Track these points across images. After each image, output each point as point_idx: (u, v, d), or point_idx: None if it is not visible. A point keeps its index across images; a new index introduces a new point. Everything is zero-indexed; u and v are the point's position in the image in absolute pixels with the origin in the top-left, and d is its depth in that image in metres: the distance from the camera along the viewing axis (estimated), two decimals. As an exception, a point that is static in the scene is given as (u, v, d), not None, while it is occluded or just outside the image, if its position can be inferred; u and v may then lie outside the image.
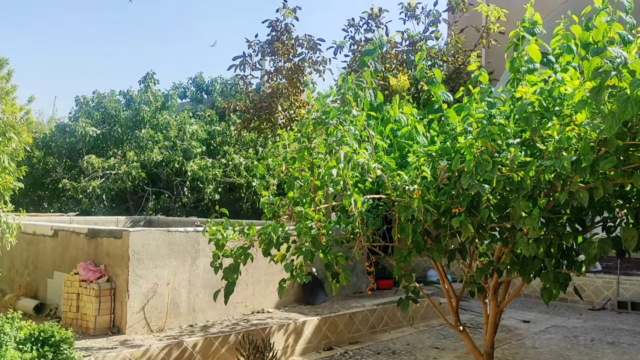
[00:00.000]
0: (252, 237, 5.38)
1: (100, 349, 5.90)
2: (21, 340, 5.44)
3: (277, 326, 7.15)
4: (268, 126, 11.34)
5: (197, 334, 6.61)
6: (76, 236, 7.42)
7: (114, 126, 15.96)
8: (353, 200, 4.26)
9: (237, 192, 14.93)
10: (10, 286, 8.18)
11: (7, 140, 5.50)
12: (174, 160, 14.87)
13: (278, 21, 10.79)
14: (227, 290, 5.28)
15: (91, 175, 14.56)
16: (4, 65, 5.52)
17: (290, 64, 10.78)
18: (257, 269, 7.97)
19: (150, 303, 6.77)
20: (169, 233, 7.07)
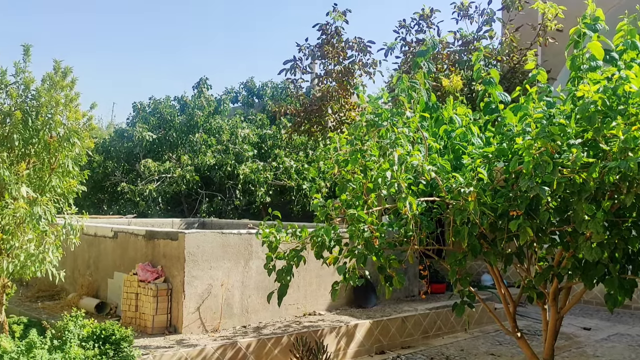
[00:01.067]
0: (304, 239, 5.40)
1: (158, 347, 6.06)
2: (84, 337, 5.67)
3: (329, 329, 7.15)
4: (318, 129, 11.39)
5: (250, 335, 6.69)
6: (135, 238, 7.66)
7: (169, 131, 16.41)
8: (408, 203, 4.21)
9: (287, 194, 15.05)
10: (73, 286, 8.53)
11: (71, 146, 5.73)
12: (227, 164, 15.14)
13: (328, 24, 10.83)
14: (281, 292, 5.32)
15: (148, 178, 15.02)
16: (68, 73, 5.77)
17: (340, 66, 10.79)
18: (308, 271, 8.00)
19: (205, 304, 6.90)
20: (222, 235, 7.20)
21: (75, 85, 5.76)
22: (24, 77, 5.60)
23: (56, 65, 5.67)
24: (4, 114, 5.45)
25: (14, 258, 5.32)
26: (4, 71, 5.58)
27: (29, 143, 5.57)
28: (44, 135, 5.58)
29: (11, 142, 5.45)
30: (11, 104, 5.55)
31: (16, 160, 5.53)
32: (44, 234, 5.52)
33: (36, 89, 5.61)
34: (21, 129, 5.49)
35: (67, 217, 5.72)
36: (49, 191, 5.66)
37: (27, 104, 5.56)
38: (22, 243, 5.34)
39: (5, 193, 5.37)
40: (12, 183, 5.31)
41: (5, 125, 5.46)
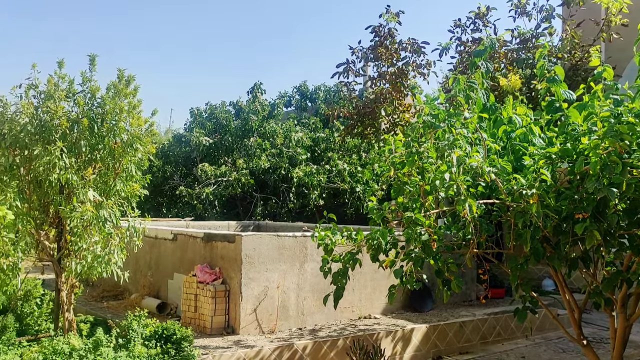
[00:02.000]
0: (359, 242, 5.38)
1: (217, 347, 6.18)
2: (147, 336, 5.85)
3: (385, 332, 7.09)
4: (372, 132, 11.33)
5: (306, 337, 6.72)
6: (193, 240, 7.85)
7: (225, 135, 16.76)
8: (467, 205, 4.12)
9: (341, 197, 15.06)
10: (135, 286, 8.83)
11: (134, 151, 5.95)
12: (281, 167, 15.31)
13: (381, 26, 10.77)
14: (337, 294, 5.31)
15: (204, 182, 15.39)
16: (132, 81, 5.99)
17: (393, 68, 10.71)
18: (363, 274, 7.97)
19: (261, 305, 6.99)
20: (278, 237, 7.27)
21: (137, 92, 5.96)
22: (90, 85, 5.85)
23: (120, 74, 5.90)
24: (72, 121, 5.71)
25: (81, 259, 5.55)
26: (71, 80, 5.85)
27: (95, 149, 5.81)
28: (108, 142, 5.81)
29: (79, 149, 5.71)
30: (78, 111, 5.80)
31: (83, 165, 5.78)
32: (109, 236, 5.74)
33: (101, 97, 5.85)
34: (88, 136, 5.73)
35: (131, 220, 5.93)
36: (113, 195, 5.89)
37: (93, 112, 5.80)
38: (89, 245, 5.56)
39: (74, 197, 5.63)
40: (79, 187, 5.55)
41: (73, 132, 5.72)
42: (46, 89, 5.69)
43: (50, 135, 5.60)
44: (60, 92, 5.70)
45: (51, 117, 5.61)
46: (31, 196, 5.84)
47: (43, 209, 5.93)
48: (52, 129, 5.61)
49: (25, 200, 5.77)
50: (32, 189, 5.83)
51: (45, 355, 5.18)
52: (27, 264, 7.80)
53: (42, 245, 5.90)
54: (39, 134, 5.59)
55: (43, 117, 5.63)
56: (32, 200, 5.85)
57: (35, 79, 5.70)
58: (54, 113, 5.59)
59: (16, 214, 5.48)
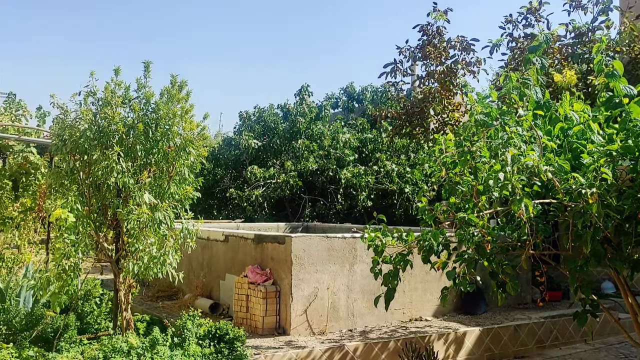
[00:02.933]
0: (410, 243, 5.32)
1: (269, 348, 6.25)
2: (201, 336, 5.98)
3: (437, 335, 6.99)
4: (420, 131, 11.19)
5: (356, 339, 6.70)
6: (244, 241, 7.97)
7: (273, 138, 16.94)
8: (523, 205, 4.00)
9: (389, 198, 14.94)
10: (189, 287, 9.03)
11: (187, 155, 6.09)
12: (328, 169, 15.34)
13: (429, 25, 10.63)
14: (388, 296, 5.27)
15: (254, 184, 15.59)
16: (184, 86, 6.14)
17: (442, 67, 10.54)
18: (413, 276, 7.88)
19: (311, 306, 7.02)
20: (327, 239, 7.29)
21: (189, 97, 6.10)
22: (144, 91, 6.03)
23: (173, 79, 6.05)
24: (128, 126, 5.90)
25: (138, 260, 5.72)
26: (127, 87, 6.04)
27: (150, 153, 5.98)
28: (163, 146, 5.97)
29: (135, 153, 5.89)
30: (134, 117, 5.99)
31: (139, 169, 5.95)
32: (164, 237, 5.89)
33: (155, 102, 6.02)
34: (143, 140, 5.91)
35: (184, 222, 6.07)
36: (167, 197, 6.04)
37: (148, 117, 5.97)
38: (145, 246, 5.73)
39: (130, 200, 5.81)
40: (135, 190, 5.73)
41: (129, 137, 5.91)
42: (104, 96, 5.90)
43: (107, 141, 5.80)
44: (117, 98, 5.90)
45: (108, 122, 5.81)
46: (90, 199, 6.06)
47: (101, 211, 6.15)
48: (109, 134, 5.81)
49: (85, 203, 5.99)
50: (91, 193, 6.06)
51: (105, 353, 5.36)
52: (86, 265, 8.11)
53: (101, 247, 6.11)
54: (97, 139, 5.80)
55: (101, 123, 5.84)
56: (92, 203, 6.08)
57: (94, 87, 5.93)
58: (111, 119, 5.79)
59: (77, 217, 5.69)
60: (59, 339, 6.04)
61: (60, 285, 5.63)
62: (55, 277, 5.62)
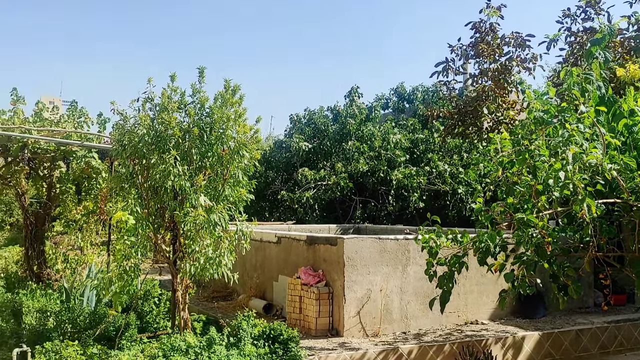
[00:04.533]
0: (466, 245, 5.21)
1: (322, 349, 6.26)
2: (255, 336, 6.06)
3: (494, 339, 6.82)
4: (473, 131, 10.95)
5: (411, 342, 6.62)
6: (297, 243, 8.02)
7: (323, 140, 16.99)
8: (586, 205, 3.85)
9: (442, 199, 14.71)
10: (243, 287, 9.17)
11: (240, 158, 6.19)
12: (379, 170, 15.24)
13: (482, 22, 10.39)
14: (443, 298, 5.19)
15: (304, 186, 15.68)
16: (237, 90, 6.24)
17: (496, 64, 10.28)
18: (469, 278, 7.72)
19: (364, 308, 6.99)
20: (380, 240, 7.24)
21: (243, 101, 6.20)
22: (199, 96, 6.17)
23: (226, 84, 6.17)
24: (184, 131, 6.05)
25: (195, 261, 5.86)
26: (183, 92, 6.20)
27: (205, 156, 6.11)
28: (217, 149, 6.09)
29: (190, 157, 6.04)
30: (189, 121, 6.14)
31: (194, 172, 6.10)
32: (219, 239, 6.00)
33: (210, 107, 6.15)
34: (198, 144, 6.05)
35: (239, 224, 6.17)
36: (222, 200, 6.15)
37: (203, 121, 6.11)
38: (201, 247, 5.86)
39: (186, 202, 5.95)
40: (191, 193, 5.86)
41: (185, 141, 6.06)
42: (160, 102, 6.08)
43: (165, 145, 5.97)
44: (173, 103, 6.06)
45: (165, 127, 5.98)
46: (149, 202, 6.25)
47: (159, 214, 6.33)
48: (166, 138, 5.98)
49: (144, 206, 6.19)
50: (149, 196, 6.24)
51: (164, 351, 5.51)
52: (145, 266, 8.37)
53: (159, 248, 6.29)
54: (155, 143, 5.98)
55: (158, 128, 6.01)
56: (150, 206, 6.27)
57: (151, 93, 6.11)
58: (167, 124, 5.96)
59: (136, 219, 5.88)
60: (121, 337, 6.26)
61: (121, 285, 5.83)
62: (117, 278, 5.82)
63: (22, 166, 8.54)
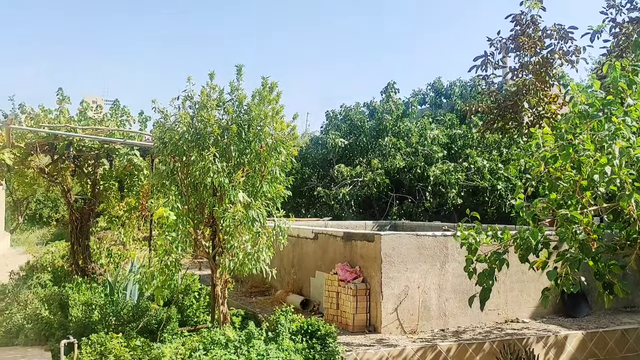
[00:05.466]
0: (506, 242, 5.12)
1: (360, 345, 6.26)
2: (293, 331, 6.10)
3: (535, 337, 6.68)
4: (513, 126, 10.72)
5: (449, 339, 6.56)
6: (333, 239, 8.04)
7: (360, 136, 16.95)
8: (633, 201, 3.73)
9: (480, 196, 14.48)
10: (280, 283, 9.25)
11: (277, 154, 6.24)
12: (416, 166, 15.12)
13: (522, 14, 10.16)
14: (483, 296, 5.11)
15: (341, 182, 15.69)
16: (274, 88, 6.29)
17: (537, 57, 10.04)
18: (509, 275, 7.58)
19: (402, 305, 6.95)
20: (417, 237, 7.18)
21: (280, 98, 6.24)
22: (237, 94, 6.24)
23: (264, 81, 6.22)
24: (223, 128, 6.14)
25: (233, 256, 5.94)
26: (221, 90, 6.29)
27: (243, 153, 6.19)
28: (255, 146, 6.16)
29: (229, 154, 6.12)
30: (228, 119, 6.22)
31: (233, 169, 6.18)
32: (257, 235, 6.07)
33: (247, 104, 6.21)
34: (237, 141, 6.12)
35: (276, 220, 6.22)
36: (260, 196, 6.22)
37: (241, 118, 6.18)
38: (240, 243, 5.93)
39: (225, 198, 6.04)
40: (230, 189, 5.95)
41: (224, 138, 6.15)
42: (200, 100, 6.18)
43: (204, 142, 6.07)
44: (212, 101, 6.15)
45: (205, 125, 6.07)
46: (189, 198, 6.37)
47: (199, 210, 6.44)
48: (205, 136, 6.08)
49: (184, 202, 6.31)
50: (189, 192, 6.36)
51: (204, 344, 5.62)
52: (185, 261, 8.54)
53: (198, 243, 6.40)
54: (194, 141, 6.09)
55: (198, 126, 6.11)
56: (190, 202, 6.38)
57: (191, 91, 6.21)
58: (207, 121, 6.05)
59: (177, 215, 6.00)
60: (162, 330, 6.41)
61: (163, 279, 5.96)
62: (159, 272, 5.95)
63: (68, 164, 8.80)
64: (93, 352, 5.64)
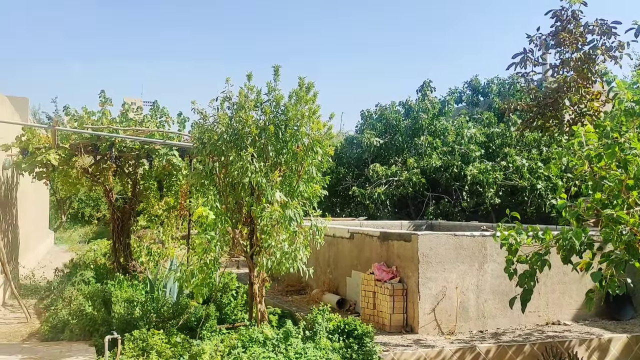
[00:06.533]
0: (548, 242, 5.02)
1: (397, 345, 6.23)
2: (330, 330, 6.12)
3: (578, 340, 6.53)
4: (554, 124, 10.49)
5: (488, 341, 6.47)
6: (369, 239, 8.02)
7: (395, 135, 16.85)
8: (683, 201, 3.60)
9: (519, 195, 14.20)
10: (316, 282, 9.29)
11: (314, 154, 6.27)
12: (453, 165, 14.93)
13: (563, 9, 9.93)
14: (524, 297, 5.02)
15: (376, 182, 15.62)
16: (311, 88, 6.32)
17: (579, 53, 9.79)
18: (550, 277, 7.42)
19: (439, 305, 6.89)
20: (455, 237, 7.10)
21: (316, 98, 6.27)
22: (274, 94, 6.30)
23: (301, 81, 6.25)
24: (261, 128, 6.20)
25: (271, 255, 6.00)
26: (259, 91, 6.35)
27: (280, 153, 6.24)
28: (292, 146, 6.20)
29: (266, 153, 6.18)
30: (265, 119, 6.29)
31: (270, 169, 6.24)
32: (294, 234, 6.11)
33: (284, 104, 6.26)
34: (274, 141, 6.18)
35: (313, 219, 6.25)
36: (297, 196, 6.26)
37: (278, 119, 6.24)
38: (277, 242, 5.98)
39: (263, 198, 6.10)
40: (267, 189, 6.01)
41: (261, 138, 6.21)
42: (238, 100, 6.26)
43: (242, 142, 6.15)
44: (250, 102, 6.22)
45: (243, 125, 6.15)
46: (227, 198, 6.47)
47: (237, 209, 6.53)
48: (243, 136, 6.15)
49: (223, 201, 6.40)
50: (227, 192, 6.45)
51: (243, 342, 5.69)
52: (223, 260, 8.66)
53: (236, 242, 6.49)
54: (232, 141, 6.17)
55: (236, 126, 6.20)
56: (228, 202, 6.47)
57: (229, 92, 6.30)
58: (245, 122, 6.13)
59: (216, 214, 6.09)
60: (201, 328, 6.52)
61: (202, 277, 6.06)
62: (198, 270, 6.05)
63: (110, 164, 9.04)
64: (135, 347, 5.78)
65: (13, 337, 6.90)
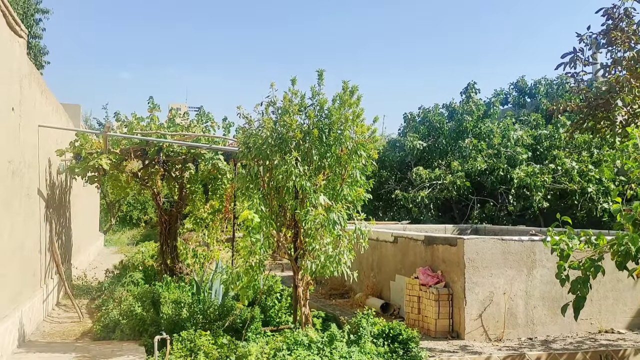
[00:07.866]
0: (601, 248, 4.85)
1: (443, 351, 6.14)
2: (375, 334, 6.09)
3: (633, 349, 6.28)
4: (605, 125, 10.13)
5: (538, 348, 6.30)
6: (414, 243, 7.94)
7: (438, 138, 16.65)
8: None
9: (568, 199, 13.79)
10: (359, 286, 9.25)
11: (358, 157, 6.26)
12: (498, 168, 14.64)
13: (615, 7, 9.59)
14: (577, 304, 4.86)
15: (419, 185, 15.47)
16: (355, 91, 6.32)
17: (632, 52, 9.43)
18: (602, 283, 7.17)
19: (486, 311, 6.75)
20: (502, 242, 6.96)
21: (360, 102, 6.26)
22: (318, 98, 6.32)
23: (344, 85, 6.26)
24: (304, 132, 6.23)
25: (315, 259, 6.01)
26: (303, 95, 6.39)
27: (324, 157, 6.26)
28: (335, 149, 6.21)
29: (310, 157, 6.21)
30: (309, 123, 6.31)
31: (314, 172, 6.26)
32: (338, 237, 6.11)
33: (328, 108, 6.27)
34: (318, 145, 6.20)
35: (357, 223, 6.24)
36: (341, 199, 6.26)
37: (322, 122, 6.25)
38: (322, 246, 6.00)
39: (307, 201, 6.13)
40: (311, 193, 6.03)
41: (305, 142, 6.24)
42: (282, 105, 6.31)
43: (286, 146, 6.20)
44: (294, 106, 6.27)
45: (287, 129, 6.20)
46: (272, 201, 6.52)
47: (281, 212, 6.58)
48: (287, 140, 6.20)
49: (267, 205, 6.46)
50: (272, 195, 6.51)
51: (288, 345, 5.72)
52: (267, 263, 8.75)
53: (281, 245, 6.54)
54: (277, 145, 6.22)
55: (280, 130, 6.25)
56: (273, 205, 6.53)
57: (274, 97, 6.36)
58: (289, 126, 6.18)
59: (261, 218, 6.15)
60: (247, 330, 6.60)
61: (248, 280, 6.13)
62: (244, 273, 6.13)
63: (158, 168, 9.26)
64: (183, 348, 5.90)
65: (67, 335, 7.16)
